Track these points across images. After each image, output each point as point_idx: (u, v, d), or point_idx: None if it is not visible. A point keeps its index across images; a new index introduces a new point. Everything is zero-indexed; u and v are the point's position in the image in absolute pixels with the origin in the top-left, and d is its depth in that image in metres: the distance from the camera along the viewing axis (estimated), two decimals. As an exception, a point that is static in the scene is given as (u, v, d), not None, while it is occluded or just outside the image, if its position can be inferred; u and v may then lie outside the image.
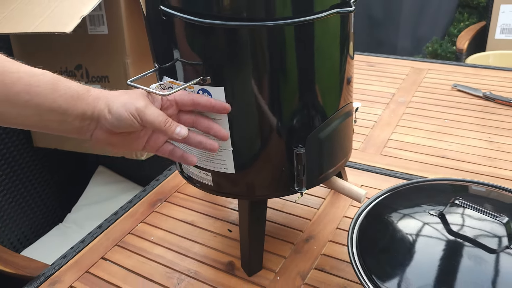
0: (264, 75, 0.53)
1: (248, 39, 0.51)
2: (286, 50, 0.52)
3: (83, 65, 1.02)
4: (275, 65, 0.53)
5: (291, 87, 0.55)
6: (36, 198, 1.21)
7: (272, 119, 0.55)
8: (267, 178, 0.60)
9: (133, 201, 0.86)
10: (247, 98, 0.54)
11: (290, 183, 0.60)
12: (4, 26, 0.87)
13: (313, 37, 0.53)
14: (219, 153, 0.58)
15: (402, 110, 1.08)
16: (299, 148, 0.57)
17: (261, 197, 0.63)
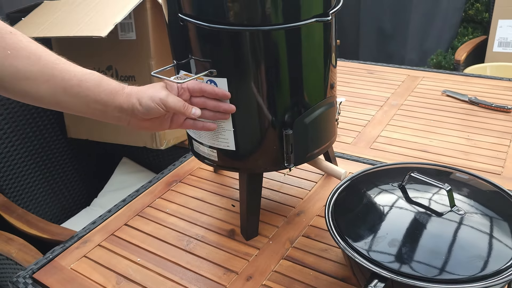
0: (259, 70, 0.67)
1: (246, 40, 0.65)
2: (277, 50, 0.66)
3: (113, 66, 1.18)
4: (268, 62, 0.66)
5: (281, 80, 0.68)
6: (67, 184, 1.36)
7: (266, 106, 0.69)
8: (262, 155, 0.73)
9: (152, 181, 1.00)
10: (245, 89, 0.68)
11: (281, 159, 0.73)
12: (50, 31, 1.03)
13: (300, 40, 0.67)
14: (223, 133, 0.72)
15: (393, 111, 1.20)
16: (287, 130, 0.71)
17: (257, 171, 0.76)
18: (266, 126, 0.71)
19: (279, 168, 0.75)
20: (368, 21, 2.50)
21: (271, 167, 0.75)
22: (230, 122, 0.70)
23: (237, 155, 0.73)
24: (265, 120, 0.70)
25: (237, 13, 0.63)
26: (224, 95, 0.67)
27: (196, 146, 0.78)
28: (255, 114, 0.70)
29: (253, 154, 0.73)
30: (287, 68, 0.68)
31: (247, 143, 0.72)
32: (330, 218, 0.67)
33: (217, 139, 0.73)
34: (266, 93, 0.68)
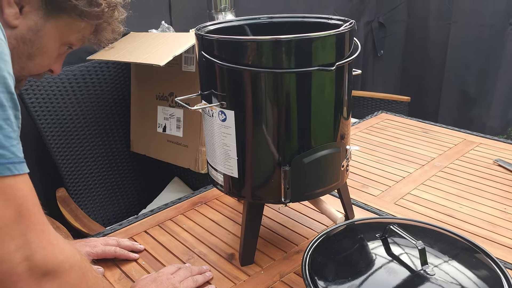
0: (263, 106, 0.73)
1: (252, 79, 0.72)
2: (282, 91, 0.72)
3: (174, 93, 1.32)
4: (276, 101, 0.73)
5: (287, 118, 0.74)
6: (122, 192, 1.52)
7: (268, 140, 0.75)
8: (262, 186, 0.78)
9: (182, 199, 1.10)
10: (250, 122, 0.75)
11: (279, 194, 0.78)
12: (123, 56, 1.21)
13: (307, 86, 0.73)
14: (229, 160, 0.79)
15: (433, 172, 1.17)
16: (285, 166, 0.75)
17: (257, 200, 0.81)
18: (267, 160, 0.76)
19: (277, 202, 0.79)
20: (452, 82, 2.43)
21: (269, 199, 0.80)
22: (234, 150, 0.77)
23: (239, 183, 0.79)
24: (266, 154, 0.76)
25: (252, 56, 0.71)
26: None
27: (210, 170, 0.86)
28: (257, 147, 0.76)
29: (254, 184, 0.79)
30: (295, 109, 0.73)
31: (248, 172, 0.78)
32: (307, 270, 0.69)
33: (224, 165, 0.80)
34: (271, 129, 0.74)
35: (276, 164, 0.76)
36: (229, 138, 0.77)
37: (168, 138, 1.36)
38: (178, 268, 0.80)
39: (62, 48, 0.70)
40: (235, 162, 0.78)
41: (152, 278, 0.75)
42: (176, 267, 0.80)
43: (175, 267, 0.80)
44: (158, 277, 0.75)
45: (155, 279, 0.75)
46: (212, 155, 0.83)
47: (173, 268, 0.79)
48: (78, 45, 0.72)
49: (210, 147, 0.83)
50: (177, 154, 1.34)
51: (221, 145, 0.79)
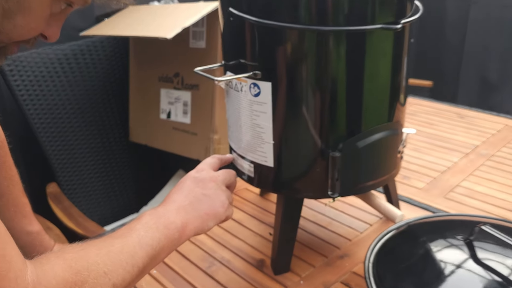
0: (309, 77, 0.58)
1: (299, 41, 0.56)
2: (335, 56, 0.57)
3: (180, 73, 1.16)
4: (322, 69, 0.57)
5: (335, 91, 0.58)
6: (121, 187, 1.36)
7: (313, 119, 0.59)
8: (303, 177, 0.63)
9: (193, 194, 0.94)
10: (291, 97, 0.59)
11: (325, 186, 0.62)
12: (123, 30, 1.04)
13: (363, 48, 0.57)
14: (261, 145, 0.63)
15: (481, 161, 1.02)
16: (335, 152, 0.60)
17: (296, 195, 0.66)
18: (310, 144, 0.61)
19: (321, 196, 0.64)
20: (471, 66, 2.28)
21: (312, 193, 0.64)
22: (270, 133, 0.61)
23: (275, 174, 0.64)
24: (310, 137, 0.60)
25: (293, 10, 0.56)
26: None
27: (236, 159, 0.70)
28: (299, 127, 0.60)
29: (293, 175, 0.63)
30: (345, 79, 0.58)
31: (287, 160, 0.63)
32: (371, 265, 0.55)
33: (255, 152, 0.64)
34: (315, 105, 0.59)
35: (323, 150, 0.60)
36: (263, 118, 0.61)
37: (173, 125, 1.20)
38: (217, 160, 0.65)
39: (56, 5, 0.49)
40: (270, 147, 0.62)
41: (192, 179, 0.58)
42: (215, 160, 0.65)
43: (213, 158, 0.65)
44: (198, 176, 0.59)
45: (196, 180, 0.58)
46: (238, 140, 0.67)
47: (212, 160, 0.64)
48: (80, 1, 0.52)
49: (235, 130, 0.67)
50: (184, 144, 1.18)
51: (251, 127, 0.63)
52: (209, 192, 0.57)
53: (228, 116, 0.70)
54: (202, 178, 0.58)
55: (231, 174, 0.63)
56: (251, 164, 0.66)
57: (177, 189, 0.57)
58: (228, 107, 0.69)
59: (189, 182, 0.58)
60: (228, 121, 0.71)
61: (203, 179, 0.58)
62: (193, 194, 0.56)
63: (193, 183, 0.57)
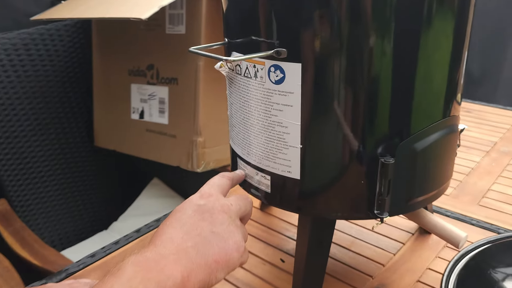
0: (354, 56, 0.42)
1: (338, 9, 0.41)
2: (388, 32, 0.41)
3: (155, 65, 0.98)
4: (371, 47, 0.42)
5: (386, 77, 0.43)
6: (85, 200, 1.16)
7: (355, 114, 0.44)
8: (340, 192, 0.47)
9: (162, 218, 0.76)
10: (326, 83, 0.43)
11: (369, 203, 0.47)
12: (86, 11, 0.85)
13: (419, 22, 0.42)
14: (284, 150, 0.47)
15: (506, 160, 0.90)
16: (387, 157, 0.44)
17: (329, 216, 0.50)
18: (352, 147, 0.45)
19: (363, 216, 0.49)
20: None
21: (351, 213, 0.49)
22: (296, 134, 0.45)
23: (301, 188, 0.48)
24: (351, 137, 0.45)
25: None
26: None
27: (242, 168, 0.54)
28: (336, 125, 0.44)
29: (326, 189, 0.47)
30: (398, 62, 0.43)
31: (318, 170, 0.47)
32: None
33: (274, 159, 0.48)
34: (359, 95, 0.43)
35: (369, 155, 0.45)
36: (287, 113, 0.45)
37: (148, 126, 1.02)
38: (227, 181, 0.48)
39: None
40: (296, 153, 0.46)
41: (196, 208, 0.42)
42: (225, 181, 0.48)
43: (222, 178, 0.48)
44: (204, 205, 0.42)
45: (201, 210, 0.41)
46: (246, 144, 0.51)
47: (221, 181, 0.47)
48: None
49: (241, 131, 0.51)
50: (160, 148, 1.00)
51: (268, 126, 0.47)
52: (220, 228, 0.40)
53: (231, 113, 0.53)
54: (209, 207, 0.41)
55: (246, 202, 0.46)
56: (267, 176, 0.50)
57: (175, 220, 0.40)
58: (231, 100, 0.52)
59: (192, 212, 0.41)
60: (231, 119, 0.54)
61: (211, 208, 0.41)
62: (199, 230, 0.39)
63: (198, 214, 0.41)
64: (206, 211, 0.41)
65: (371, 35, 0.41)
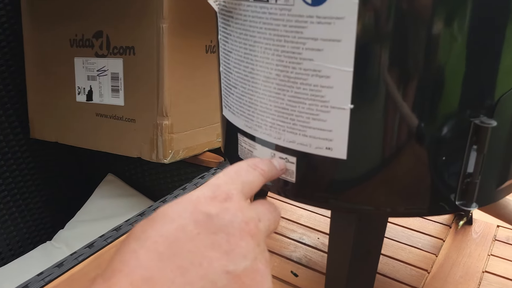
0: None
1: None
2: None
3: (104, 32, 0.78)
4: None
5: None
6: (22, 206, 0.93)
7: (430, 57, 0.28)
8: (406, 175, 0.31)
9: (147, 212, 0.58)
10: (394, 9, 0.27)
11: (448, 190, 0.31)
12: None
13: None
14: (321, 115, 0.30)
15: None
16: (482, 118, 0.29)
17: (387, 212, 0.34)
18: (431, 105, 0.29)
19: (438, 210, 0.33)
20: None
21: (420, 205, 0.33)
22: (344, 88, 0.29)
23: (347, 173, 0.31)
24: (431, 89, 0.29)
25: None
26: None
27: (246, 148, 0.37)
28: (410, 71, 0.28)
29: (387, 171, 0.31)
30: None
31: (376, 143, 0.30)
32: None
33: (303, 130, 0.31)
34: (431, 28, 0.27)
35: (454, 117, 0.29)
36: (331, 54, 0.29)
37: (98, 110, 0.82)
38: (259, 177, 0.29)
39: None
40: (342, 118, 0.30)
41: (200, 219, 0.23)
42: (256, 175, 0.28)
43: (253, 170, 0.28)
44: (215, 214, 0.23)
45: (210, 226, 0.23)
46: (255, 111, 0.34)
47: (250, 175, 0.28)
48: None
49: (246, 92, 0.34)
50: (115, 136, 0.81)
51: (296, 79, 0.30)
52: (241, 266, 0.22)
53: (229, 67, 0.36)
54: (226, 222, 0.23)
55: (276, 215, 0.28)
56: (290, 157, 0.33)
57: (161, 241, 0.22)
58: (229, 47, 0.35)
59: (194, 226, 0.22)
60: (227, 77, 0.37)
61: (229, 225, 0.23)
62: (204, 268, 0.21)
63: (205, 233, 0.22)
64: (220, 229, 0.22)
65: None
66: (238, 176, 0.27)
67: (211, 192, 0.24)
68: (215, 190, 0.25)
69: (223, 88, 0.39)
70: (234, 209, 0.24)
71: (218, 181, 0.26)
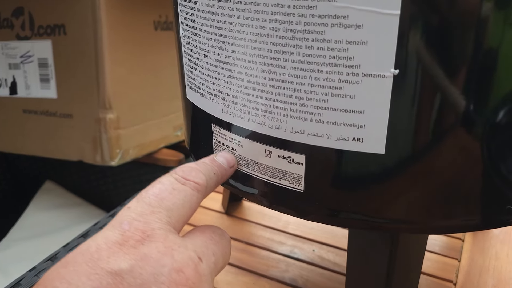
0: None
1: None
2: None
3: (25, 9, 0.63)
4: None
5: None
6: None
7: None
8: (467, 176, 0.21)
9: (90, 234, 0.45)
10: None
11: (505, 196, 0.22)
12: None
13: None
14: (348, 88, 0.19)
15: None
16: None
17: (438, 228, 0.24)
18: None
19: (497, 223, 0.23)
20: None
21: (475, 216, 0.23)
22: (385, 47, 0.18)
23: (384, 175, 0.21)
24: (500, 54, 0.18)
25: None
26: None
27: (224, 142, 0.26)
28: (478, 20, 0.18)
29: (445, 170, 0.21)
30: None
31: (432, 131, 0.20)
32: None
33: (317, 114, 0.20)
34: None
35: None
36: None
37: (25, 105, 0.67)
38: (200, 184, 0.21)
39: None
40: (380, 93, 0.19)
41: (101, 273, 0.15)
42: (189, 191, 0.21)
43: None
44: (132, 272, 0.16)
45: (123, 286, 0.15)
46: (237, 91, 0.22)
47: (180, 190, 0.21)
48: None
49: (225, 56, 0.23)
50: (49, 137, 0.66)
51: (304, 30, 0.19)
52: None
53: (196, 25, 0.25)
54: (146, 279, 0.15)
55: (224, 244, 0.21)
56: (297, 156, 0.22)
57: None
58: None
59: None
60: (195, 41, 0.25)
61: (151, 281, 0.15)
62: None
63: None
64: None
65: None
66: (160, 200, 0.19)
67: (119, 234, 0.17)
68: (124, 229, 0.17)
69: (185, 60, 0.27)
70: (157, 254, 0.16)
71: (128, 214, 0.18)
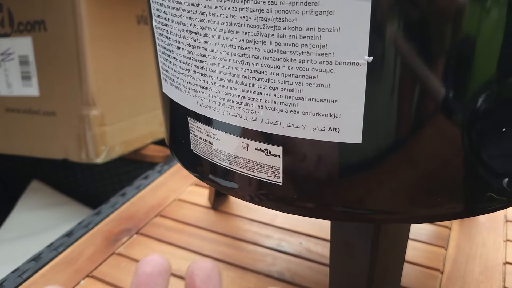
0: None
1: None
2: None
3: (5, 5, 0.62)
4: None
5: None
6: None
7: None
8: (448, 162, 0.21)
9: (75, 232, 0.45)
10: None
11: (488, 183, 0.21)
12: None
13: None
14: (322, 76, 0.19)
15: None
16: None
17: (419, 218, 0.23)
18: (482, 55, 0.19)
19: (480, 211, 0.23)
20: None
21: (467, 201, 0.23)
22: (357, 33, 0.17)
23: (361, 165, 0.21)
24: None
25: None
26: None
27: (201, 136, 0.25)
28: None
29: (423, 157, 0.21)
30: None
31: (409, 117, 0.20)
32: None
33: (293, 105, 0.20)
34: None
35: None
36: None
37: (7, 104, 0.66)
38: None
39: None
40: (355, 81, 0.18)
41: None
42: None
43: None
44: None
45: None
46: (213, 80, 0.22)
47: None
48: None
49: (197, 48, 0.22)
50: (33, 135, 0.65)
51: (275, 18, 0.18)
52: None
53: (167, 16, 0.24)
54: None
55: None
56: (273, 147, 0.22)
57: None
58: None
59: None
60: (167, 33, 0.25)
61: None
62: None
63: None
64: None
65: None
66: None
67: None
68: None
69: (159, 53, 0.26)
70: None
71: None
